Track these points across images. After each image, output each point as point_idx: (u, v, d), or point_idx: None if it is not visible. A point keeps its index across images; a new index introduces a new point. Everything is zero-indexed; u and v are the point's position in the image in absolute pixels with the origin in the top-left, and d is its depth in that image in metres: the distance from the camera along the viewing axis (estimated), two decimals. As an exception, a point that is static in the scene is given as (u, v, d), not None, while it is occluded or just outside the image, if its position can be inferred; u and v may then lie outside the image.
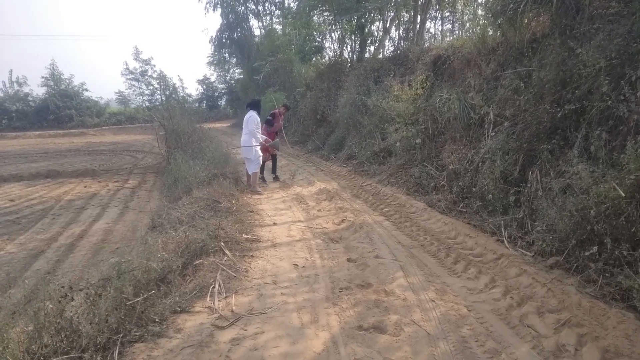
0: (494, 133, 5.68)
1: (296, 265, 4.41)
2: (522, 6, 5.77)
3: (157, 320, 3.27)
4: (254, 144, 7.83)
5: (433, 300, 3.51)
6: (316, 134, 13.74)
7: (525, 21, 6.17)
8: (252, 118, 7.95)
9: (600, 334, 2.80)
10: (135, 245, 5.59)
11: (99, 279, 3.65)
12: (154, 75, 37.41)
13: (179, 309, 3.46)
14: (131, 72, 36.81)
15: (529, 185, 4.66)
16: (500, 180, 5.08)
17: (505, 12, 6.32)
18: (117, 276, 3.57)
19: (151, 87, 37.54)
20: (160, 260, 3.93)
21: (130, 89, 37.48)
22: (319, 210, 6.64)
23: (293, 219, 6.15)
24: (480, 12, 9.31)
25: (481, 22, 7.88)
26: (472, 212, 5.31)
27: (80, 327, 2.90)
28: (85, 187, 10.94)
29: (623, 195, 3.30)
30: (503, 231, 4.55)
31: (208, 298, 3.64)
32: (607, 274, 3.29)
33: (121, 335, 3.02)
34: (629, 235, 3.27)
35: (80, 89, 35.00)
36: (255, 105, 8.19)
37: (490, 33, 7.30)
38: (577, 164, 4.01)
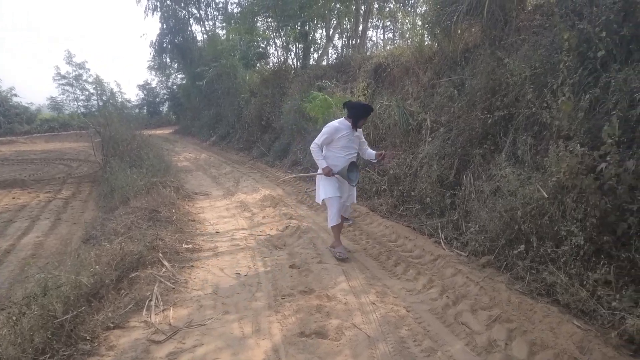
0: (430, 139, 5.89)
1: (238, 274, 4.33)
2: (455, 17, 6.05)
3: (87, 338, 3.10)
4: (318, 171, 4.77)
5: (374, 303, 3.57)
6: (261, 140, 13.64)
7: (459, 32, 6.47)
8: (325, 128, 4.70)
9: (528, 328, 2.96)
10: (66, 259, 5.28)
11: (23, 296, 3.41)
12: (89, 80, 35.69)
13: (112, 325, 3.29)
14: (63, 77, 34.89)
15: (463, 188, 4.87)
16: (437, 184, 5.26)
17: (440, 23, 6.61)
18: (43, 293, 3.36)
19: (86, 93, 35.76)
20: (91, 275, 3.73)
21: (64, 94, 35.50)
22: (264, 217, 6.58)
23: (236, 227, 6.05)
24: (419, 22, 9.66)
25: (419, 32, 8.18)
26: (411, 215, 5.46)
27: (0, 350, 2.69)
28: (13, 198, 10.17)
29: (546, 196, 3.52)
30: (440, 233, 4.72)
31: (144, 312, 3.49)
32: (533, 271, 3.49)
33: (48, 355, 2.86)
34: (553, 233, 3.49)
35: (9, 95, 32.66)
36: (350, 109, 4.65)
37: (427, 43, 7.59)
38: (505, 167, 4.24)
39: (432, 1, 7.18)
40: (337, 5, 13.84)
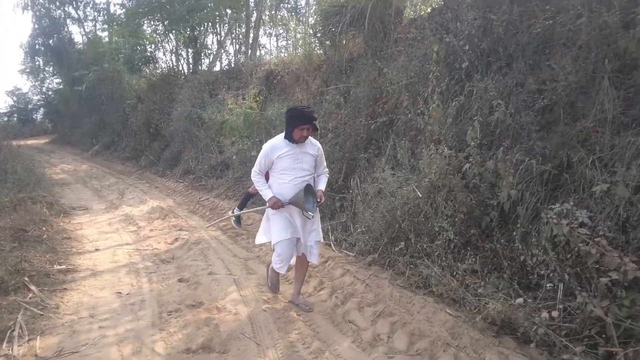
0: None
1: (119, 293, 4.02)
2: (340, 27, 6.32)
3: None
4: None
5: (265, 311, 3.54)
6: (150, 149, 12.88)
7: (344, 42, 6.77)
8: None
9: (407, 320, 3.16)
10: None
11: None
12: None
13: (-38, 364, 2.86)
14: None
15: (351, 191, 5.06)
16: (327, 188, 5.39)
17: (327, 33, 6.86)
18: None
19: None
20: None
21: None
22: (151, 230, 6.21)
23: (120, 243, 5.63)
24: (310, 31, 9.91)
25: (308, 41, 8.39)
26: (304, 220, 5.53)
27: None
28: None
29: (420, 195, 3.81)
30: (330, 235, 4.85)
31: (4, 344, 3.08)
32: (412, 266, 3.74)
33: None
34: (427, 230, 3.78)
35: None
36: (287, 120, 3.42)
37: (316, 52, 7.83)
38: (386, 170, 4.50)
39: (319, 11, 7.43)
40: (228, 11, 13.67)
